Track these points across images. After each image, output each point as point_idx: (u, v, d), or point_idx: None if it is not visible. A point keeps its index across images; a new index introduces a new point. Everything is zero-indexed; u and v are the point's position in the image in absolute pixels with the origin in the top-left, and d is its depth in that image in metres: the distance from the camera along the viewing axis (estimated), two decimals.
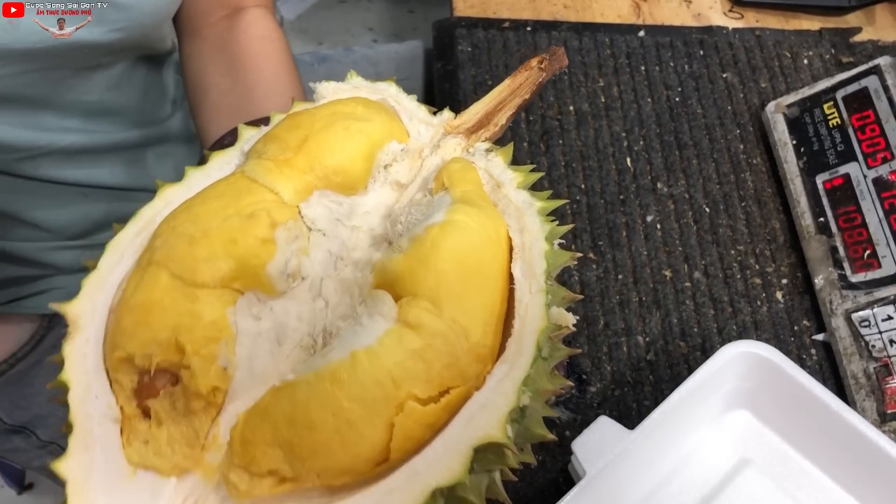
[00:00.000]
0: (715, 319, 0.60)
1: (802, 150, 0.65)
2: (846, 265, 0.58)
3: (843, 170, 0.61)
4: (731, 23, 0.78)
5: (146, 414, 0.33)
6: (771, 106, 0.68)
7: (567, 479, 0.52)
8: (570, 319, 0.34)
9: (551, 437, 0.33)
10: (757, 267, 0.62)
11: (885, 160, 0.59)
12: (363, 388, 0.30)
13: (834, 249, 0.59)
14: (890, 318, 0.54)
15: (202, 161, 0.40)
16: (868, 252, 0.57)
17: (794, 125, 0.66)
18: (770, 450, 0.50)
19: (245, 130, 0.41)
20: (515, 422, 0.32)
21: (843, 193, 0.60)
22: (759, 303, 0.61)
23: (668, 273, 0.62)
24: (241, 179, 0.36)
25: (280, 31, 0.65)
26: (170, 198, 0.38)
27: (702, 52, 0.74)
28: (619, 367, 0.58)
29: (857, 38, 0.76)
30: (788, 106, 0.67)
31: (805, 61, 0.74)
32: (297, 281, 0.36)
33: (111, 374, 0.33)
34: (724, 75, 0.73)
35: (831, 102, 0.64)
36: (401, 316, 0.32)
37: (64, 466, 0.31)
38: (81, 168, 0.58)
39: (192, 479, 0.32)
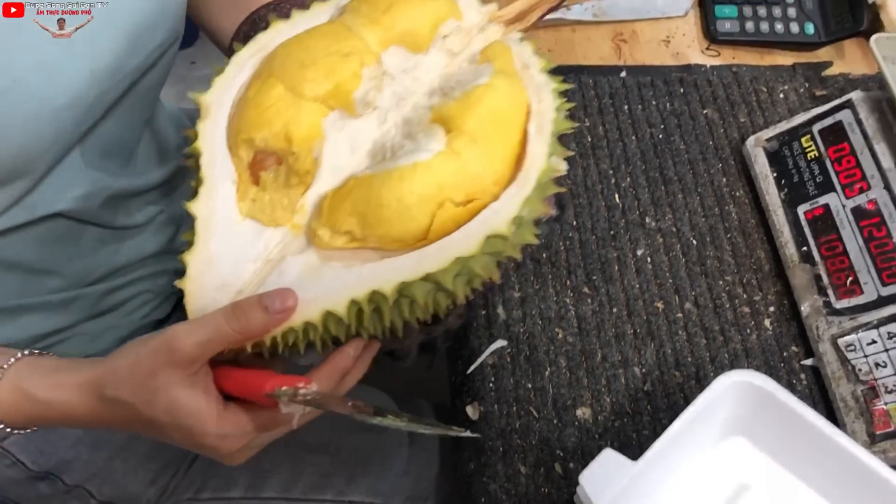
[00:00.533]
0: (707, 348, 0.62)
1: (783, 181, 0.67)
2: (830, 292, 0.60)
3: (822, 200, 0.64)
4: (709, 60, 0.81)
5: (256, 182, 0.46)
6: (751, 140, 0.71)
7: None
8: (563, 166, 0.46)
9: (535, 241, 0.46)
10: (745, 296, 0.65)
11: (861, 190, 0.62)
12: (420, 185, 0.42)
13: (818, 277, 0.61)
14: (874, 342, 0.56)
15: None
16: (850, 279, 0.59)
17: (774, 158, 0.69)
18: (767, 474, 0.52)
19: None
20: (514, 225, 0.43)
21: (824, 223, 0.63)
22: (748, 331, 0.63)
23: (660, 305, 0.64)
24: (342, 27, 0.49)
25: None
26: (280, 29, 0.50)
27: (682, 90, 0.78)
28: (617, 398, 0.60)
29: (829, 71, 0.79)
30: (768, 140, 0.70)
31: (781, 95, 0.77)
32: (371, 109, 0.48)
33: (233, 150, 0.46)
34: (705, 111, 0.76)
35: (808, 136, 0.67)
36: (448, 144, 0.44)
37: (195, 206, 0.45)
38: (106, 211, 0.60)
39: (282, 230, 0.46)
